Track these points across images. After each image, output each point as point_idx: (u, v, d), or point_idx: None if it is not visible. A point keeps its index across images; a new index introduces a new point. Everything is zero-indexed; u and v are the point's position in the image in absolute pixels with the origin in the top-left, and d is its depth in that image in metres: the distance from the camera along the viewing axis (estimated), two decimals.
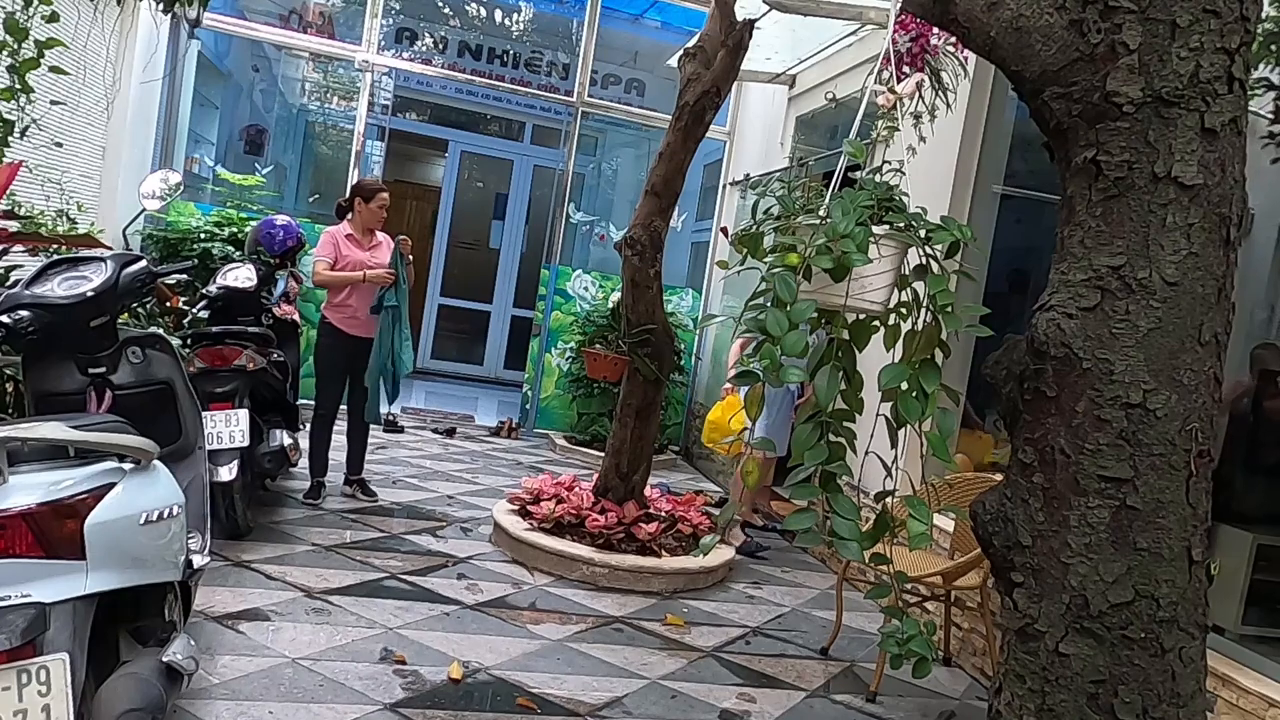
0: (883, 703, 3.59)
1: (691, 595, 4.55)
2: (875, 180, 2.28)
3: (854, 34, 6.10)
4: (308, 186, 10.50)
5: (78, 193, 5.79)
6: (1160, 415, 1.60)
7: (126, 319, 4.23)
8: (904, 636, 2.12)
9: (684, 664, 3.69)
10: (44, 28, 3.85)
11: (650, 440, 5.15)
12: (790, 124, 7.41)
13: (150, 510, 2.20)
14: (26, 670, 1.89)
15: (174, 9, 5.38)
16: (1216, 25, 1.57)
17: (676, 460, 8.34)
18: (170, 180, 4.98)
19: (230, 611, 3.50)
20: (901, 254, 2.28)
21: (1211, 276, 1.61)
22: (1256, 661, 2.98)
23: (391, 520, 5.09)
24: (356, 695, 3.01)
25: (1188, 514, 1.63)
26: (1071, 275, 1.66)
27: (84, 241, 3.89)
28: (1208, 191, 1.59)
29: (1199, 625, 1.68)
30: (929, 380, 2.11)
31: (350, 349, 5.13)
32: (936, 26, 1.96)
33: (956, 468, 4.35)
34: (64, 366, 2.86)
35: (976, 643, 4.06)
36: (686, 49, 5.23)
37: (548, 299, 8.51)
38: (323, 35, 9.16)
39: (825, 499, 2.13)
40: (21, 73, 3.68)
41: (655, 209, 4.99)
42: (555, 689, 3.27)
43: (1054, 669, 1.65)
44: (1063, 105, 1.65)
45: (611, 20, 9.16)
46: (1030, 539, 1.68)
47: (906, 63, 4.26)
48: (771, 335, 2.02)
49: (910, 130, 4.09)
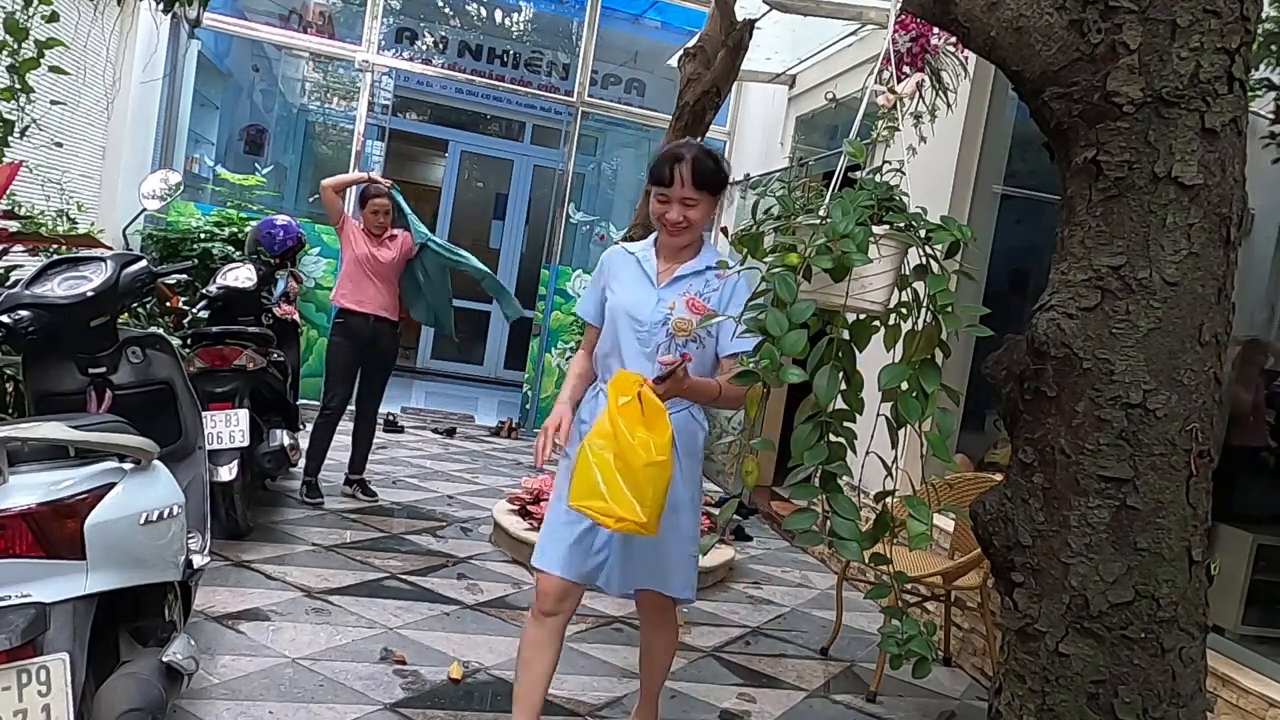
0: (883, 703, 3.59)
1: None
2: (875, 180, 2.28)
3: (854, 34, 6.10)
4: (308, 186, 10.49)
5: (78, 193, 5.79)
6: (1160, 415, 1.60)
7: (126, 319, 4.23)
8: (904, 636, 2.12)
9: (684, 664, 3.69)
10: (44, 28, 3.85)
11: None
12: (790, 124, 7.41)
13: (150, 510, 2.20)
14: (26, 670, 1.89)
15: (174, 9, 5.37)
16: (1216, 25, 1.57)
17: None
18: (170, 180, 4.97)
19: (230, 611, 3.50)
20: (901, 254, 2.28)
21: (1211, 276, 1.61)
22: (1256, 661, 2.98)
23: (392, 520, 5.09)
24: (356, 695, 3.01)
25: (1188, 514, 1.63)
26: (1071, 275, 1.66)
27: (84, 241, 3.89)
28: (1208, 191, 1.59)
29: (1199, 625, 1.68)
30: (929, 380, 2.11)
31: (361, 344, 5.13)
32: (936, 26, 1.96)
33: (956, 468, 4.35)
34: (64, 366, 2.86)
35: (976, 643, 4.06)
36: (686, 49, 5.24)
37: (548, 299, 8.51)
38: (323, 35, 9.16)
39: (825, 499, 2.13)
40: (21, 73, 3.68)
41: None
42: (555, 689, 3.27)
43: (1054, 669, 1.64)
44: (1063, 105, 1.65)
45: (611, 20, 9.16)
46: (1030, 539, 1.68)
47: (906, 63, 4.26)
48: (771, 335, 2.02)
49: (910, 130, 4.09)
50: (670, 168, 2.46)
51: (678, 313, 2.48)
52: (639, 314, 2.51)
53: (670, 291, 2.54)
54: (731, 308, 2.43)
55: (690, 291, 2.51)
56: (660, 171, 2.49)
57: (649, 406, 2.22)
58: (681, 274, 2.55)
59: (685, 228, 2.51)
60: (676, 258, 2.59)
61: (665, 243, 2.61)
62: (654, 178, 2.51)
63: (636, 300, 2.54)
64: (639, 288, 2.57)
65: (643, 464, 2.15)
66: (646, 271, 2.59)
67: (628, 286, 2.59)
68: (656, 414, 2.22)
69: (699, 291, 2.52)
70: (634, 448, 2.16)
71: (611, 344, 2.56)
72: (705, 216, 2.53)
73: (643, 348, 2.50)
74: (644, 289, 2.56)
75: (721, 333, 2.51)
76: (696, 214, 2.50)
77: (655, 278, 2.57)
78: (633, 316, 2.52)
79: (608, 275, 2.67)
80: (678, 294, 2.52)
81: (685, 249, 2.59)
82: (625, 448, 2.16)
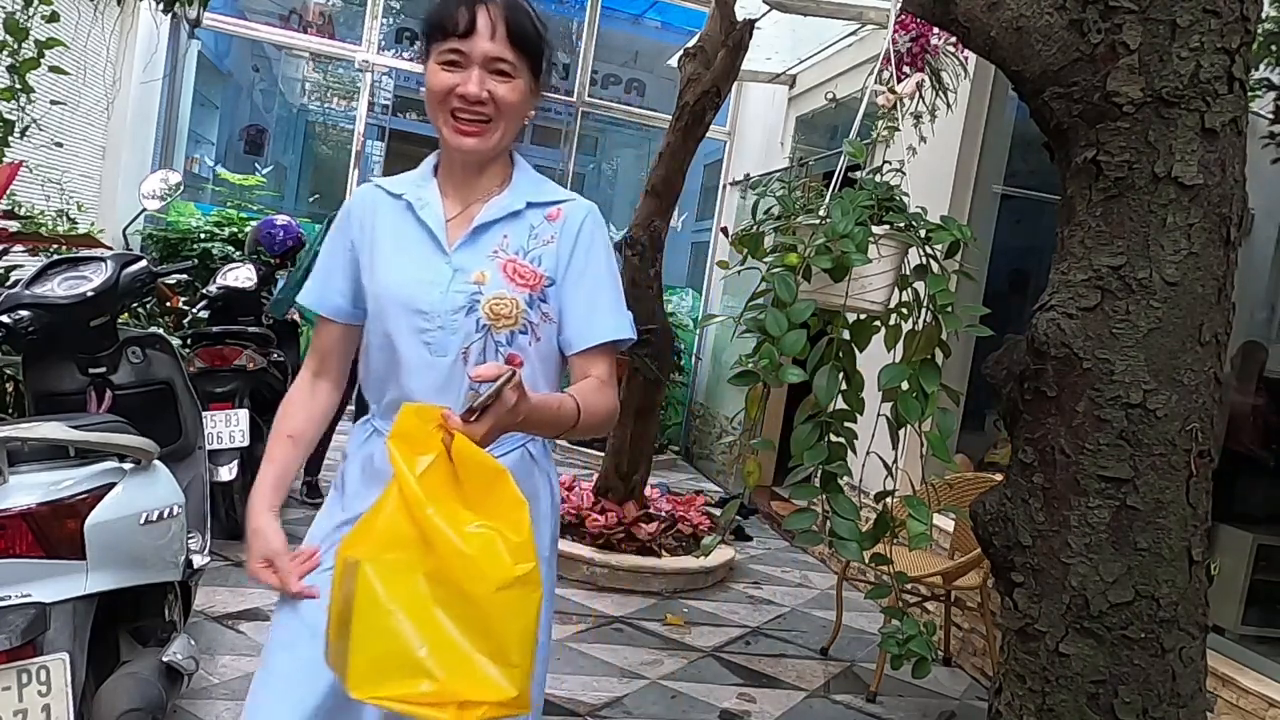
0: (883, 703, 3.59)
1: (691, 595, 4.54)
2: (875, 180, 2.28)
3: (854, 34, 6.10)
4: (308, 186, 10.50)
5: (78, 193, 5.79)
6: (1160, 415, 1.60)
7: (126, 319, 4.23)
8: (904, 636, 2.12)
9: (684, 664, 3.69)
10: (44, 28, 3.85)
11: (650, 440, 5.15)
12: (790, 124, 7.41)
13: (150, 510, 2.20)
14: (26, 670, 1.89)
15: (174, 9, 5.38)
16: (1216, 25, 1.57)
17: (676, 460, 8.33)
18: (170, 180, 4.97)
19: (230, 611, 3.50)
20: (901, 254, 2.28)
21: (1211, 276, 1.61)
22: (1256, 661, 2.98)
23: None
24: None
25: (1188, 514, 1.63)
26: (1071, 275, 1.66)
27: (84, 241, 3.89)
28: (1208, 191, 1.59)
29: (1199, 625, 1.68)
30: (929, 380, 2.11)
31: None
32: (936, 26, 1.96)
33: (956, 468, 4.35)
34: (64, 366, 2.86)
35: (976, 643, 4.06)
36: (686, 49, 5.23)
37: None
38: (323, 35, 9.16)
39: (825, 499, 2.13)
40: (21, 73, 3.68)
41: (655, 209, 5.00)
42: (555, 689, 3.27)
43: (1054, 669, 1.65)
44: (1063, 105, 1.65)
45: (611, 20, 9.16)
46: (1030, 539, 1.68)
47: (906, 63, 4.25)
48: (771, 335, 2.02)
49: (910, 130, 4.09)
50: (468, 8, 1.44)
51: (491, 289, 1.48)
52: (423, 301, 1.48)
53: (472, 253, 1.51)
54: (580, 263, 1.53)
55: (507, 249, 1.51)
56: (448, 13, 1.46)
57: (472, 466, 1.19)
58: (487, 219, 1.52)
59: (487, 121, 1.48)
60: (475, 189, 1.55)
61: (455, 164, 1.56)
62: (434, 26, 1.48)
63: (415, 277, 1.50)
64: (416, 254, 1.52)
65: (491, 587, 1.14)
66: (426, 225, 1.53)
67: (397, 254, 1.53)
68: (490, 479, 1.20)
69: (521, 247, 1.52)
70: (466, 557, 1.15)
71: (383, 359, 1.52)
72: (522, 106, 1.51)
73: (437, 357, 1.48)
74: (426, 256, 1.51)
75: (566, 310, 1.53)
76: (510, 93, 1.47)
77: (443, 233, 1.52)
78: (412, 308, 1.48)
79: (356, 233, 1.58)
80: (486, 256, 1.50)
81: (489, 171, 1.56)
82: (448, 560, 1.15)
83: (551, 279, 1.52)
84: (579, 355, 1.53)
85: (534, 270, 1.51)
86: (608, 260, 1.57)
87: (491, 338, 1.48)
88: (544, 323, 1.52)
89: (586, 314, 1.53)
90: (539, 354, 1.52)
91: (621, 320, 1.54)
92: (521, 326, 1.49)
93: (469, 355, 1.47)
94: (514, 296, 1.49)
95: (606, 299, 1.54)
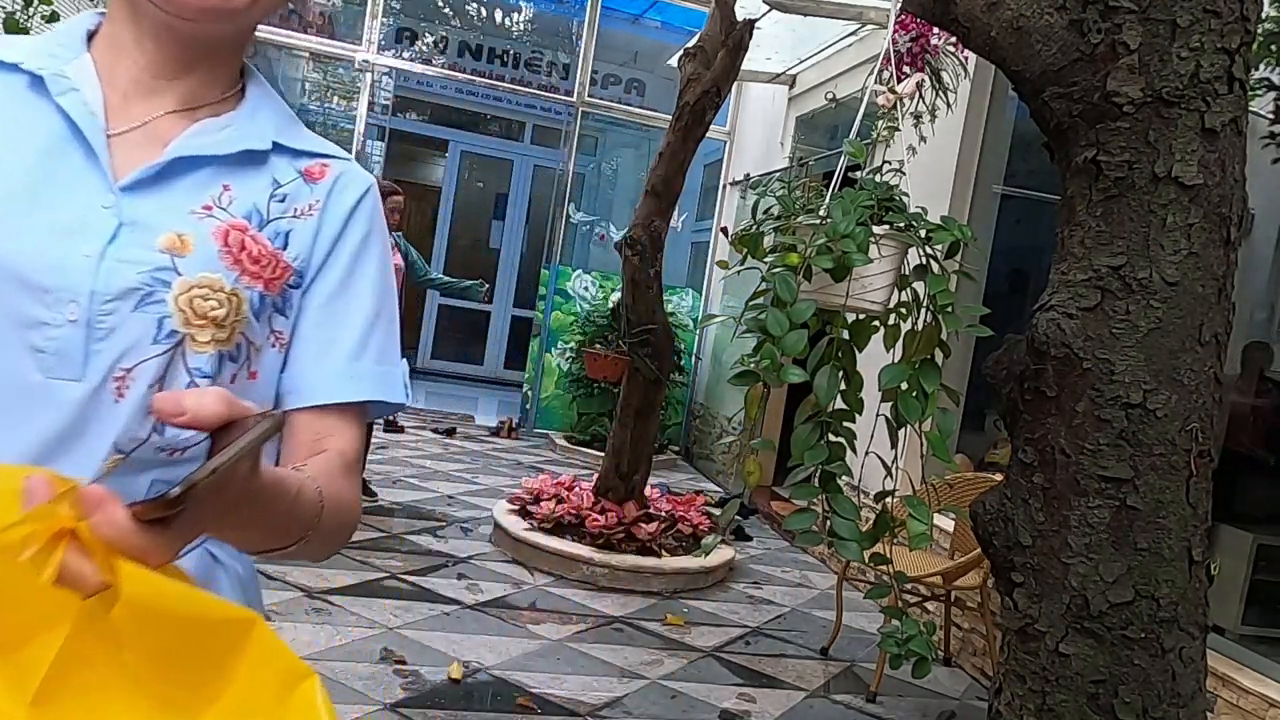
0: (883, 703, 3.59)
1: (691, 595, 4.55)
2: (875, 180, 2.29)
3: (854, 34, 6.10)
4: None
5: None
6: (1160, 415, 1.60)
7: None
8: (904, 636, 2.12)
9: (684, 664, 3.69)
10: (44, 28, 3.85)
11: (650, 440, 5.15)
12: (790, 124, 7.41)
13: None
14: None
15: None
16: (1216, 25, 1.57)
17: (676, 460, 8.34)
18: None
19: None
20: (901, 254, 2.28)
21: (1211, 276, 1.61)
22: (1256, 661, 2.99)
23: (391, 520, 5.09)
24: (356, 695, 3.01)
25: (1188, 514, 1.63)
26: (1071, 275, 1.66)
27: None
28: (1208, 191, 1.59)
29: (1199, 625, 1.68)
30: (929, 380, 2.12)
31: None
32: (936, 26, 1.96)
33: (956, 468, 4.35)
34: None
35: (976, 643, 4.06)
36: (686, 49, 5.24)
37: (548, 299, 8.51)
38: (323, 35, 9.16)
39: (825, 499, 2.13)
40: None
41: (655, 209, 5.00)
42: (555, 689, 3.28)
43: (1054, 669, 1.65)
44: (1063, 105, 1.65)
45: (611, 20, 9.16)
46: (1030, 539, 1.68)
47: (906, 63, 4.25)
48: (771, 335, 2.02)
49: (910, 130, 4.09)
50: None
51: (194, 266, 0.81)
52: (45, 270, 0.76)
53: (161, 200, 0.82)
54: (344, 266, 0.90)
55: (229, 208, 0.85)
56: None
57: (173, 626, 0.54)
58: (198, 151, 0.84)
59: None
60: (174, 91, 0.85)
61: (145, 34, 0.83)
62: None
63: (35, 221, 0.77)
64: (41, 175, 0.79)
65: None
66: (72, 124, 0.80)
67: None
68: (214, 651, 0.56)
69: (255, 211, 0.86)
70: None
71: None
72: None
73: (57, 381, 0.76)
74: (63, 183, 0.79)
75: (308, 336, 0.89)
76: None
77: (103, 149, 0.80)
78: (20, 279, 0.76)
79: None
80: (187, 211, 0.83)
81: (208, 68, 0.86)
82: None
83: (300, 275, 0.87)
84: (313, 412, 0.87)
85: (273, 253, 0.85)
86: (384, 273, 0.93)
87: (184, 358, 0.80)
88: (269, 348, 0.86)
89: (344, 350, 0.89)
90: (251, 393, 0.84)
91: (393, 373, 0.92)
92: (234, 347, 0.82)
93: (127, 385, 0.78)
94: (234, 289, 0.82)
95: (378, 334, 0.91)
